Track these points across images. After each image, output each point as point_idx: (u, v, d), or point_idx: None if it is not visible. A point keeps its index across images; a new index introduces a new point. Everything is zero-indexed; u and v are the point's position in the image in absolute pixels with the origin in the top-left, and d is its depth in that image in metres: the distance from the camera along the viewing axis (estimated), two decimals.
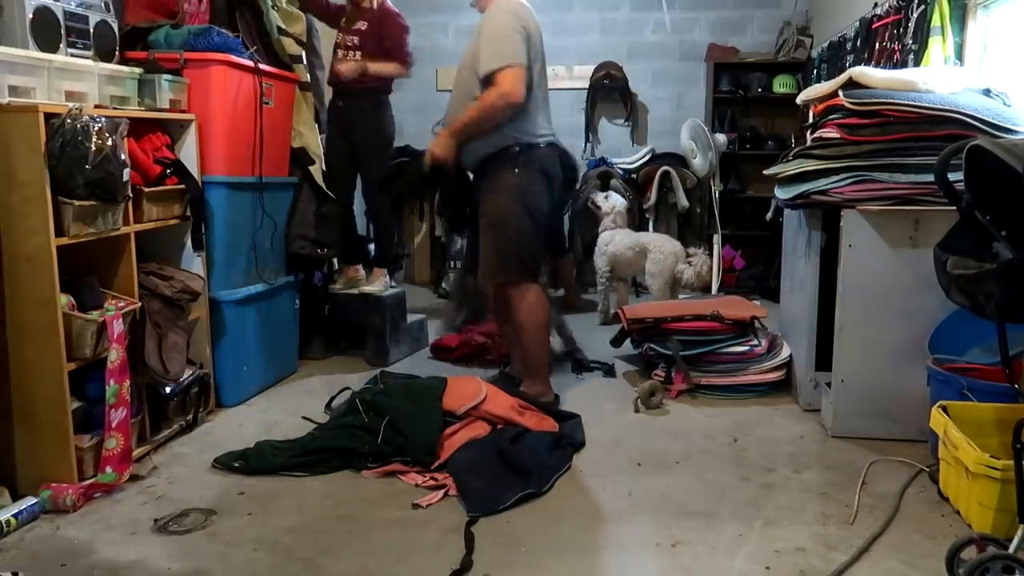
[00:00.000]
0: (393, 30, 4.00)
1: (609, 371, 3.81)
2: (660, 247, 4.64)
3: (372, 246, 4.44)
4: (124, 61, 2.90)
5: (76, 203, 2.35)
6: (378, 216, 4.32)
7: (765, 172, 3.43)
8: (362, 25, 3.98)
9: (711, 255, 5.36)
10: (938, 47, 3.38)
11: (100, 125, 2.37)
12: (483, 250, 3.10)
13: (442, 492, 2.42)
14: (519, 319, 3.12)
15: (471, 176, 3.25)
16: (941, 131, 2.75)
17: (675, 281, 4.63)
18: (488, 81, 2.91)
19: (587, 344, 4.26)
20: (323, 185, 3.83)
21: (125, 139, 2.53)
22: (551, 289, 5.30)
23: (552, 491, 2.46)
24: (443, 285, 5.95)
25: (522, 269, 3.08)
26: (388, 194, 3.39)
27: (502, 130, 3.00)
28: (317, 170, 3.83)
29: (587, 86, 6.31)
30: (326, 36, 4.30)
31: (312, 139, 3.86)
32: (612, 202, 5.06)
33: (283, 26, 3.65)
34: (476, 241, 3.22)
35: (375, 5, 4.00)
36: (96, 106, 2.57)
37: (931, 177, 2.36)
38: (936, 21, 3.39)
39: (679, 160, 6.07)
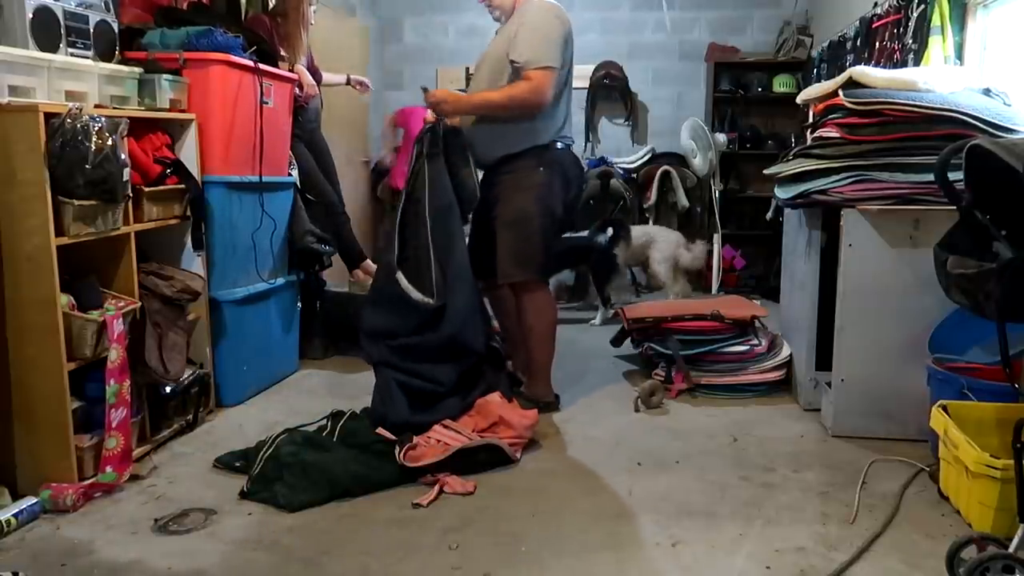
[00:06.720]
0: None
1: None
2: (664, 236, 5.29)
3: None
4: (124, 61, 2.90)
5: (76, 203, 2.35)
6: None
7: (765, 172, 3.44)
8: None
9: (711, 250, 5.68)
10: (938, 46, 3.38)
11: (100, 125, 2.36)
12: (501, 249, 3.06)
13: (438, 488, 2.42)
14: (528, 320, 3.11)
15: (481, 173, 3.21)
16: (941, 131, 2.75)
17: (677, 265, 5.24)
18: (518, 70, 2.89)
19: (587, 344, 4.27)
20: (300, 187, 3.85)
21: (125, 139, 2.53)
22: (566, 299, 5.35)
23: (552, 490, 2.46)
24: None
25: (539, 270, 3.09)
26: None
27: (531, 129, 2.98)
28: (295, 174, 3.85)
29: (587, 86, 6.30)
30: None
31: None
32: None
33: None
34: (483, 240, 3.15)
35: None
36: (96, 106, 2.57)
37: (931, 177, 2.35)
38: (936, 20, 3.40)
39: (679, 160, 6.07)
